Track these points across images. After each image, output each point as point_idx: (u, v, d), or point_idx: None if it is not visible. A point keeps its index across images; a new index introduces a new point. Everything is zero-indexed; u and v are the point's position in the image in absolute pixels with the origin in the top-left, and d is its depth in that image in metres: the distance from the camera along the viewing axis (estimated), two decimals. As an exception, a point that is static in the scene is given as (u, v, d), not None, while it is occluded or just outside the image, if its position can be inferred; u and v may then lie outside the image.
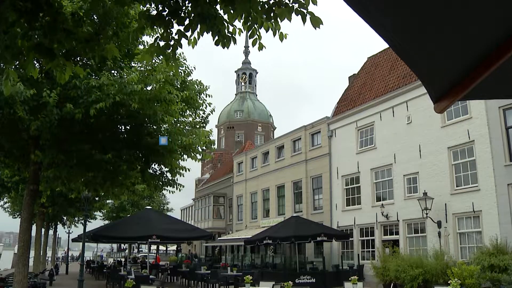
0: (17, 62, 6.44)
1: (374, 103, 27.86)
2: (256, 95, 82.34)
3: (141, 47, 12.93)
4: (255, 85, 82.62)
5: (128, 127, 13.49)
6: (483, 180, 20.90)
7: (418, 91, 24.42)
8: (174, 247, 62.29)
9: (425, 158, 23.80)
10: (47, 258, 40.92)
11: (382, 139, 26.83)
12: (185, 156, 14.21)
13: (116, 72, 12.65)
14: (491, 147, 20.65)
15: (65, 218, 40.14)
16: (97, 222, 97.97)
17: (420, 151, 24.12)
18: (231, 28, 5.45)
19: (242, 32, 5.73)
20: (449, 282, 10.61)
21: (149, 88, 11.78)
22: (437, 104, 2.09)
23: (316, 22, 5.00)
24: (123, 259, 44.02)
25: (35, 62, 10.18)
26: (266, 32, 5.42)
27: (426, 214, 21.93)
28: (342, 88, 33.91)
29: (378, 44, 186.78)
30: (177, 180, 15.08)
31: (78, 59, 11.50)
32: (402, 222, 24.87)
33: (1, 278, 19.32)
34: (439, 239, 21.98)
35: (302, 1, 4.95)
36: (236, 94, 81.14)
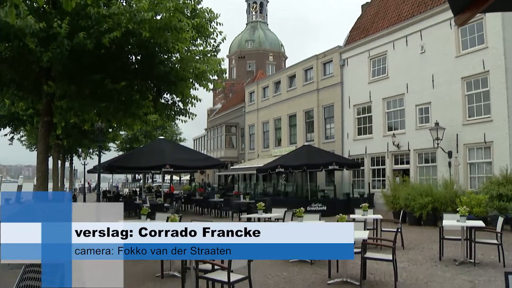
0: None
1: (387, 32, 27.26)
2: (267, 24, 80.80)
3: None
4: (266, 15, 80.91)
5: (139, 57, 13.42)
6: (496, 111, 20.73)
7: (433, 19, 23.82)
8: (188, 177, 63.45)
9: (438, 88, 23.54)
10: (65, 189, 41.98)
11: (395, 69, 26.48)
12: (196, 85, 14.19)
13: (125, 1, 12.43)
14: (506, 78, 20.30)
15: (80, 150, 40.82)
16: (111, 153, 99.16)
17: (433, 81, 23.83)
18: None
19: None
20: (457, 209, 10.78)
21: (159, 17, 11.62)
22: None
23: None
24: (138, 189, 45.07)
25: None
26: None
27: (437, 144, 21.99)
28: (355, 18, 33.10)
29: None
30: (189, 109, 15.14)
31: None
32: (413, 151, 25.00)
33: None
34: (449, 169, 22.14)
35: None
36: (247, 24, 79.71)
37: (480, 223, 10.77)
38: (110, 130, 29.04)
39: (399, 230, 10.72)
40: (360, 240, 8.60)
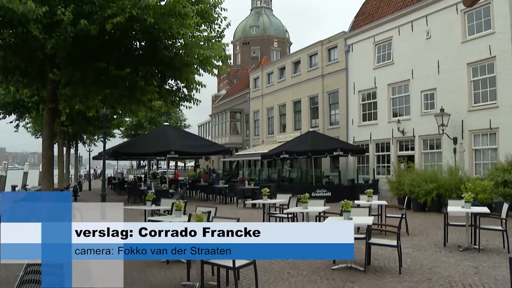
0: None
1: (392, 17, 27.05)
2: (272, 10, 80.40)
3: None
4: (271, 0, 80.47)
5: (143, 43, 13.39)
6: (502, 97, 20.60)
7: (439, 5, 23.62)
8: (192, 163, 63.52)
9: (443, 74, 23.40)
10: (70, 176, 42.14)
11: (400, 55, 26.32)
12: (201, 71, 14.16)
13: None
14: (513, 63, 20.16)
15: (85, 136, 40.92)
16: (116, 140, 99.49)
17: (438, 67, 23.68)
18: None
19: None
20: (462, 196, 10.78)
21: (163, 2, 11.57)
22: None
23: None
24: (143, 175, 45.19)
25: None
26: None
27: (442, 130, 21.92)
28: (360, 3, 32.80)
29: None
30: (193, 95, 15.14)
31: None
32: (418, 138, 24.94)
33: (27, 193, 20.05)
34: (454, 155, 22.08)
35: None
36: (251, 10, 79.33)
37: (485, 210, 10.75)
38: (115, 116, 29.05)
39: (403, 216, 10.74)
40: (365, 226, 8.62)
